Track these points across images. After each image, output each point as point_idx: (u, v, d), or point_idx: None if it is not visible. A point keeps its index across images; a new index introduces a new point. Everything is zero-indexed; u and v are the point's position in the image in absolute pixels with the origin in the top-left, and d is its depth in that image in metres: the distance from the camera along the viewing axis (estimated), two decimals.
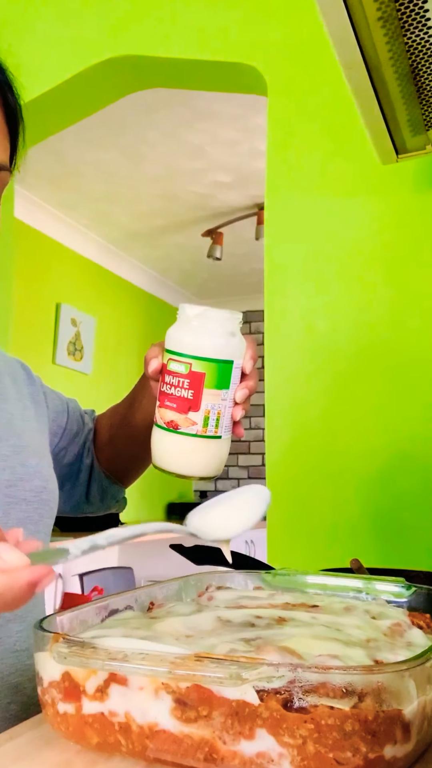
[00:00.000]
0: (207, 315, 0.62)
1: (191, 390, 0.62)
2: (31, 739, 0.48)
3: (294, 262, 1.36)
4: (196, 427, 0.63)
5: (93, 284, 4.34)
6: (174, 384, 0.63)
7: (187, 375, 0.62)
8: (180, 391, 0.62)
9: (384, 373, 1.26)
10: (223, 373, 0.63)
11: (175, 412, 0.63)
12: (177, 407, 0.63)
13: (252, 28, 1.43)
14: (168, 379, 0.64)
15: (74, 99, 1.65)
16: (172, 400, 0.63)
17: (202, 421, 0.63)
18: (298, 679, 0.39)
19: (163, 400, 0.64)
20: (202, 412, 0.62)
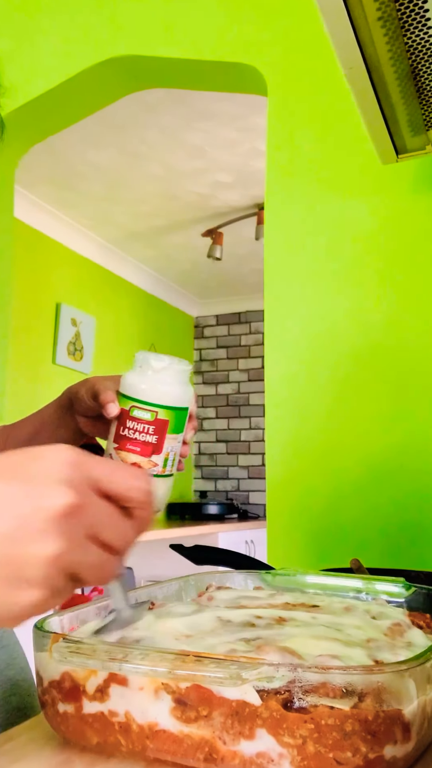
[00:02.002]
0: (172, 368, 0.68)
1: (156, 435, 0.67)
2: (31, 739, 0.48)
3: (294, 262, 1.36)
4: (157, 468, 0.68)
5: (93, 284, 4.33)
6: (138, 429, 0.67)
7: (152, 422, 0.67)
8: (144, 436, 0.67)
9: (384, 372, 1.26)
10: (181, 419, 0.69)
11: (138, 456, 0.67)
12: (141, 451, 0.67)
13: (252, 28, 1.43)
14: (131, 424, 0.67)
15: (74, 99, 1.65)
16: (136, 444, 0.67)
17: (162, 463, 0.68)
18: (298, 679, 0.39)
19: (124, 444, 0.68)
20: (163, 454, 0.67)
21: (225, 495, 5.08)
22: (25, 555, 0.34)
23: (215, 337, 5.55)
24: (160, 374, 0.68)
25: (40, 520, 0.35)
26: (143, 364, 0.69)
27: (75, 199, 3.67)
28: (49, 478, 0.36)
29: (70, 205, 3.75)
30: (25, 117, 1.62)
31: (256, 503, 4.93)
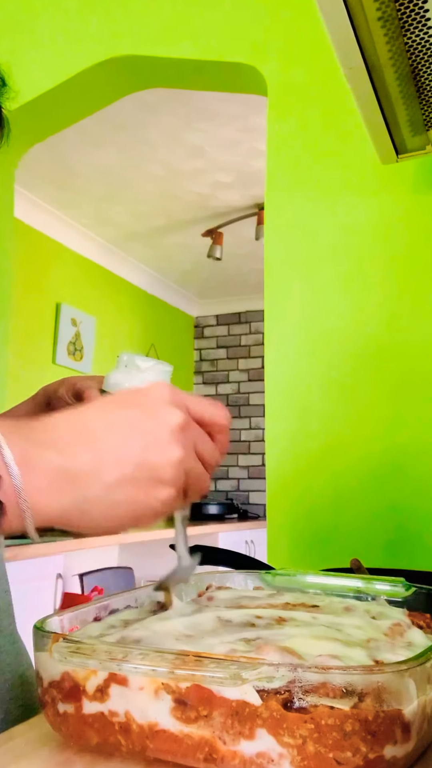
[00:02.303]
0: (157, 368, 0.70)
1: None
2: (31, 739, 0.48)
3: (294, 262, 1.36)
4: None
5: (93, 284, 4.34)
6: None
7: None
8: None
9: (384, 372, 1.26)
10: None
11: None
12: None
13: (252, 28, 1.43)
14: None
15: (74, 99, 1.65)
16: None
17: None
18: (298, 679, 0.39)
19: None
20: None
21: (225, 495, 5.08)
22: (159, 460, 0.42)
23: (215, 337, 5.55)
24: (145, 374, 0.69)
25: (165, 433, 0.43)
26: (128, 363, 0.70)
27: (75, 199, 3.67)
28: (161, 402, 0.44)
29: (70, 205, 3.75)
30: (25, 117, 1.62)
31: (256, 503, 4.94)
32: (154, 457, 0.42)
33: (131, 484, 0.42)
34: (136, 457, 0.42)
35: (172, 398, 0.44)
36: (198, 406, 0.46)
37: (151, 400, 0.44)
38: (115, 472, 0.41)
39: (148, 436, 0.42)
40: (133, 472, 0.42)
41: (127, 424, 0.42)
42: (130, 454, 0.42)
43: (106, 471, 0.41)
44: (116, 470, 0.41)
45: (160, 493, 0.42)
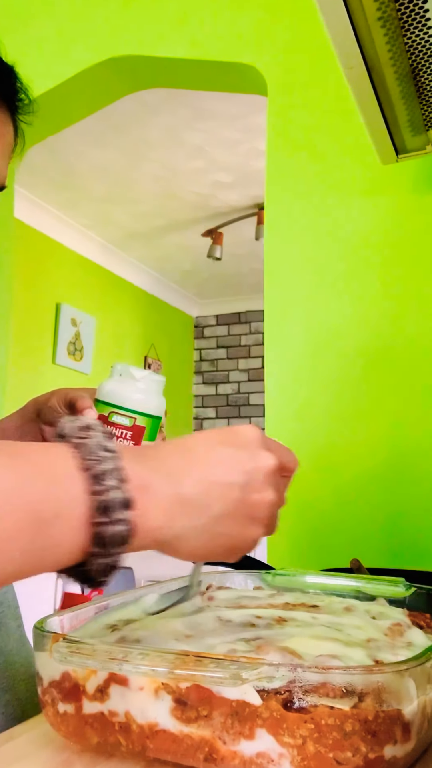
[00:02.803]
0: (151, 378, 0.72)
1: (132, 441, 0.70)
2: (31, 739, 0.48)
3: (294, 262, 1.36)
4: None
5: (93, 284, 4.34)
6: (116, 435, 0.70)
7: (131, 428, 0.70)
8: (122, 441, 0.70)
9: (384, 372, 1.26)
10: (155, 427, 0.72)
11: None
12: None
13: (252, 28, 1.43)
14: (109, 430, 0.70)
15: (74, 99, 1.65)
16: None
17: None
18: (298, 679, 0.39)
19: None
20: None
21: None
22: (255, 500, 0.45)
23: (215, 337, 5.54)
24: (139, 383, 0.72)
25: (262, 475, 0.45)
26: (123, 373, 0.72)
27: (75, 199, 3.67)
28: (256, 444, 0.46)
29: (70, 205, 3.75)
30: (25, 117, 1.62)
31: None
32: (252, 495, 0.45)
33: (232, 519, 0.44)
34: (237, 495, 0.44)
35: (263, 442, 0.47)
36: (278, 451, 0.49)
37: (248, 442, 0.46)
38: (221, 505, 0.43)
39: (248, 476, 0.45)
40: (234, 508, 0.44)
41: (230, 462, 0.45)
42: (233, 491, 0.44)
43: (213, 503, 0.43)
44: (221, 504, 0.44)
45: (254, 530, 0.45)
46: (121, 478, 0.39)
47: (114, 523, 0.38)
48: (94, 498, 0.38)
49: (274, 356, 1.36)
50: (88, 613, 0.57)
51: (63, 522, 0.37)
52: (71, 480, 0.38)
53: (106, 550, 0.38)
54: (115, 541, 0.38)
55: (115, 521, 0.38)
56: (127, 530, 0.39)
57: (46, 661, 0.47)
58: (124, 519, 0.38)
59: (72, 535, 0.38)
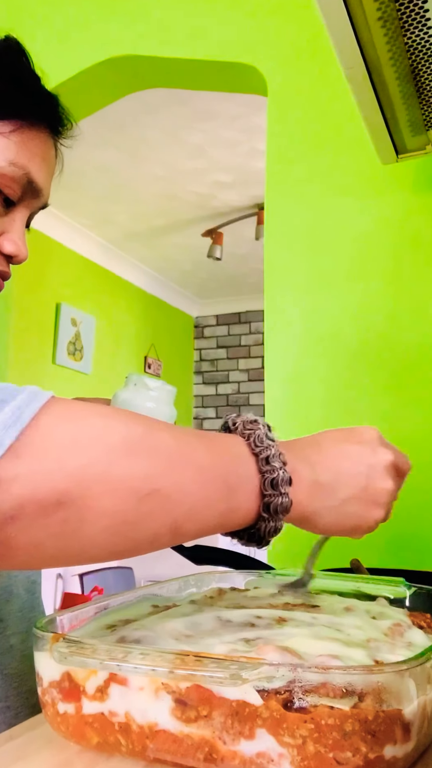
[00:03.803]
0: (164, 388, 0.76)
1: None
2: (31, 739, 0.48)
3: (294, 262, 1.36)
4: None
5: (93, 284, 4.34)
6: None
7: None
8: None
9: (384, 372, 1.26)
10: None
11: None
12: None
13: (252, 28, 1.43)
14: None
15: (74, 99, 1.65)
16: None
17: None
18: (298, 679, 0.39)
19: None
20: None
21: None
22: (377, 487, 0.55)
23: (215, 337, 5.55)
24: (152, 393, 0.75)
25: (382, 467, 0.55)
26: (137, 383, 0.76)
27: (75, 199, 3.67)
28: (376, 443, 0.56)
29: (70, 205, 3.75)
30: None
31: None
32: (374, 483, 0.54)
33: (357, 502, 0.54)
34: (363, 482, 0.54)
35: (381, 440, 0.57)
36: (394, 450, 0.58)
37: (369, 440, 0.56)
38: (348, 490, 0.53)
39: (370, 468, 0.54)
40: (359, 493, 0.54)
41: (355, 455, 0.55)
42: (358, 479, 0.54)
43: (342, 488, 0.53)
44: (348, 489, 0.53)
45: (376, 513, 0.55)
46: (283, 461, 0.49)
47: (280, 495, 0.48)
48: (264, 476, 0.48)
49: (274, 356, 1.36)
50: (88, 613, 0.57)
51: (243, 492, 0.47)
52: (247, 461, 0.48)
53: (275, 515, 0.48)
54: (281, 510, 0.48)
55: (280, 494, 0.48)
56: (289, 501, 0.49)
57: (46, 661, 0.47)
58: (287, 492, 0.48)
59: (249, 502, 0.48)
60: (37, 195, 0.68)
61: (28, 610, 0.72)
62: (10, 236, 0.67)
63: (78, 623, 0.55)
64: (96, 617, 0.57)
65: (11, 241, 0.67)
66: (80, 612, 0.56)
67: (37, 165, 0.66)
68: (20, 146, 0.64)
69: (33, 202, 0.69)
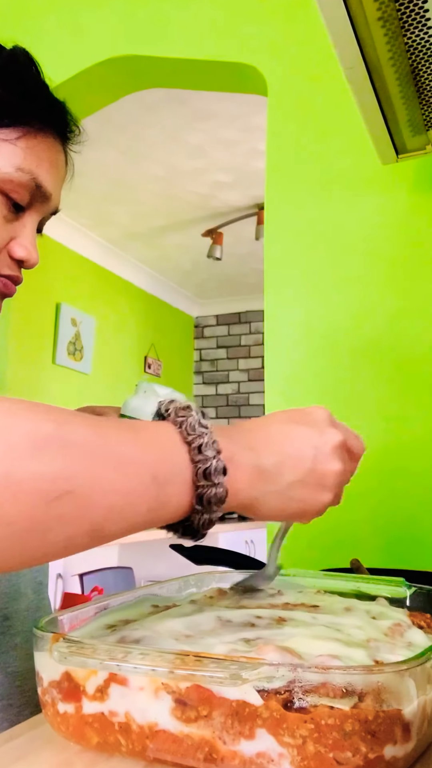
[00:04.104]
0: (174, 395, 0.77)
1: None
2: (31, 739, 0.48)
3: (294, 263, 1.36)
4: None
5: (93, 284, 4.34)
6: None
7: None
8: None
9: (384, 373, 1.26)
10: None
11: None
12: None
13: (252, 28, 1.43)
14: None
15: (74, 99, 1.65)
16: None
17: None
18: (298, 679, 0.39)
19: None
20: None
21: None
22: (323, 470, 0.53)
23: (215, 337, 5.55)
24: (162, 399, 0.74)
25: (329, 448, 0.53)
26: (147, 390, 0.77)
27: (75, 199, 3.67)
28: (325, 423, 0.55)
29: (70, 205, 3.75)
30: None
31: None
32: (321, 466, 0.52)
33: (303, 486, 0.52)
34: (308, 465, 0.52)
35: (331, 421, 0.56)
36: (345, 431, 0.57)
37: (317, 420, 0.55)
38: (293, 474, 0.51)
39: (317, 449, 0.53)
40: (304, 476, 0.52)
41: (301, 437, 0.53)
42: (304, 462, 0.52)
43: (286, 472, 0.51)
44: (293, 473, 0.51)
45: (323, 496, 0.53)
46: (217, 449, 0.46)
47: (214, 486, 0.46)
48: (197, 466, 0.46)
49: (274, 356, 1.36)
50: (88, 613, 0.57)
51: (174, 484, 0.45)
52: (178, 451, 0.46)
53: (208, 507, 0.46)
54: (215, 501, 0.46)
55: (214, 485, 0.46)
56: (224, 492, 0.46)
57: (46, 661, 0.47)
58: (221, 483, 0.46)
59: (181, 495, 0.45)
60: (46, 200, 0.69)
61: (33, 609, 0.73)
62: (20, 241, 0.68)
63: (78, 623, 0.55)
64: (96, 617, 0.57)
65: (22, 246, 0.68)
66: (80, 612, 0.56)
67: (45, 170, 0.67)
68: (27, 152, 0.65)
69: (43, 207, 0.70)
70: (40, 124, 0.67)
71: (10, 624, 0.68)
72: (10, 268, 0.68)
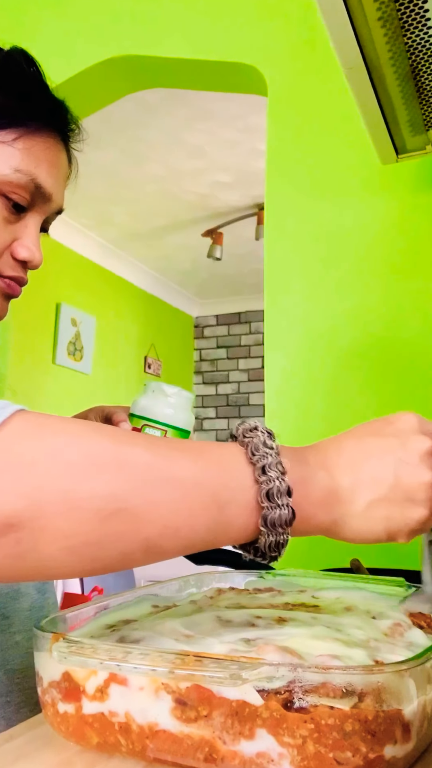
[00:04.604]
0: (181, 395, 0.77)
1: None
2: (31, 739, 0.48)
3: (294, 263, 1.36)
4: None
5: (93, 284, 4.34)
6: None
7: None
8: None
9: (384, 372, 1.26)
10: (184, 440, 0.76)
11: None
12: None
13: (252, 28, 1.43)
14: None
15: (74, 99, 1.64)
16: None
17: None
18: (298, 679, 0.39)
19: None
20: None
21: None
22: (412, 483, 0.48)
23: (215, 337, 5.55)
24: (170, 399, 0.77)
25: (415, 458, 0.48)
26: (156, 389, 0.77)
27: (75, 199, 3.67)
28: (410, 431, 0.49)
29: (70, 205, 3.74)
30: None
31: None
32: (407, 479, 0.48)
33: (386, 504, 0.48)
34: (390, 480, 0.48)
35: (420, 427, 0.50)
36: None
37: (401, 430, 0.50)
38: (371, 493, 0.48)
39: (400, 461, 0.48)
40: (387, 493, 0.48)
41: (380, 451, 0.49)
42: (384, 477, 0.48)
43: (364, 492, 0.48)
44: (372, 491, 0.48)
45: (414, 512, 0.48)
46: (282, 470, 0.45)
47: (278, 508, 0.45)
48: (260, 487, 0.45)
49: (274, 356, 1.36)
50: (88, 613, 0.57)
51: (236, 506, 0.45)
52: (242, 472, 0.45)
53: (273, 529, 0.45)
54: (279, 523, 0.45)
55: (278, 506, 0.45)
56: (290, 513, 0.45)
57: (46, 661, 0.47)
58: (287, 504, 0.45)
59: (245, 516, 0.45)
60: (47, 200, 0.69)
61: (37, 609, 0.73)
62: (23, 242, 0.68)
63: (78, 623, 0.55)
64: (96, 617, 0.57)
65: (25, 246, 0.68)
66: (80, 612, 0.56)
67: (44, 170, 0.67)
68: (25, 153, 0.65)
69: (45, 208, 0.70)
70: (37, 124, 0.67)
71: (9, 623, 0.69)
72: (14, 269, 0.68)
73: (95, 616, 0.57)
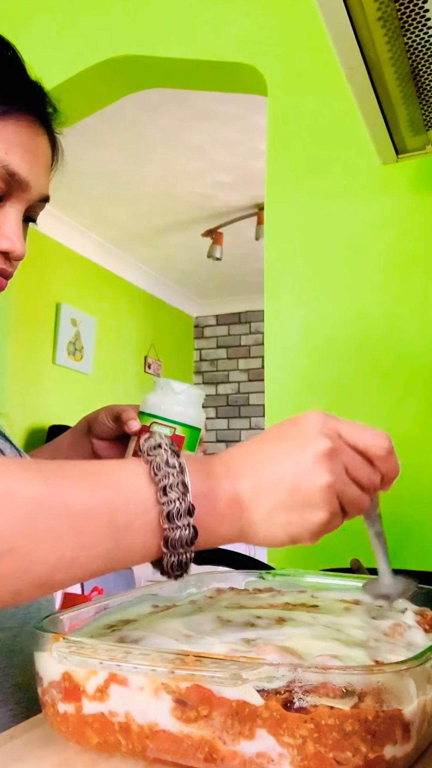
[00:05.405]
0: (191, 391, 0.76)
1: None
2: (31, 739, 0.48)
3: (294, 263, 1.36)
4: None
5: (93, 284, 4.33)
6: None
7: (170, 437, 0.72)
8: None
9: (384, 372, 1.26)
10: (194, 438, 0.76)
11: None
12: None
13: (252, 28, 1.43)
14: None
15: (74, 99, 1.65)
16: None
17: None
18: (298, 679, 0.39)
19: None
20: None
21: None
22: (307, 486, 0.46)
23: (215, 337, 5.55)
24: (179, 396, 0.76)
25: (311, 461, 0.47)
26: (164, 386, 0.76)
27: (75, 199, 3.67)
28: (311, 432, 0.48)
29: (70, 205, 3.75)
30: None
31: None
32: (302, 483, 0.47)
33: (286, 509, 0.47)
34: (288, 485, 0.46)
35: (322, 428, 0.48)
36: (353, 434, 0.49)
37: (302, 431, 0.48)
38: (271, 498, 0.47)
39: (296, 466, 0.47)
40: (286, 498, 0.47)
41: (280, 454, 0.48)
42: (282, 483, 0.47)
43: (264, 498, 0.47)
44: (271, 497, 0.47)
45: (313, 515, 0.47)
46: (182, 490, 0.44)
47: (178, 529, 0.44)
48: (161, 508, 0.44)
49: (274, 356, 1.36)
50: (88, 613, 0.57)
51: (136, 529, 0.44)
52: (143, 493, 0.45)
53: (175, 550, 0.44)
54: (181, 543, 0.44)
55: (179, 527, 0.44)
56: (191, 533, 0.44)
57: (46, 661, 0.47)
58: (188, 524, 0.44)
59: (146, 538, 0.44)
60: (25, 187, 0.65)
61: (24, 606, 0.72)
62: (2, 232, 0.65)
63: (78, 623, 0.55)
64: (96, 617, 0.57)
65: (5, 237, 0.65)
66: (80, 612, 0.56)
67: (18, 156, 0.63)
68: None
69: (24, 196, 0.66)
70: (6, 107, 0.62)
71: None
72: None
73: (95, 616, 0.57)
